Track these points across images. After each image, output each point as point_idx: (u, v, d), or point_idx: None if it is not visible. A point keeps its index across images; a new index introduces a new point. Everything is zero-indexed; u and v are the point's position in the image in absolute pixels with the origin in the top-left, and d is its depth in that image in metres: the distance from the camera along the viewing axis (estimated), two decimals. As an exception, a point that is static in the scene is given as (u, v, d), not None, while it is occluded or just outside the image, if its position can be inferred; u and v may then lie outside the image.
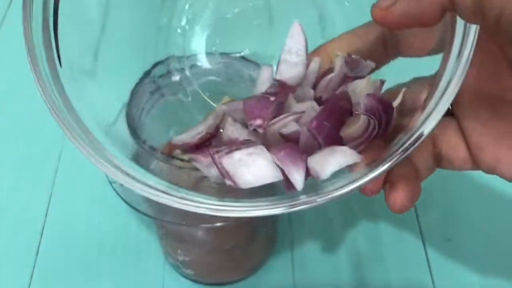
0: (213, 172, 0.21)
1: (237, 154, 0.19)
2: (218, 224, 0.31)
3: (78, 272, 0.38)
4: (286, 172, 0.19)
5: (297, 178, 0.19)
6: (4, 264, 0.40)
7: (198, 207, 0.18)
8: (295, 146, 0.20)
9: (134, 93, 0.32)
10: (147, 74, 0.33)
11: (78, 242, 0.40)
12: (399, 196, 0.21)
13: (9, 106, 0.51)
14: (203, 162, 0.22)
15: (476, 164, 0.21)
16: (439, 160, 0.22)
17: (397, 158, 0.18)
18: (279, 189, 0.20)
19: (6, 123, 0.49)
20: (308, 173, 0.20)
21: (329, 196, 0.18)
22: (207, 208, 0.18)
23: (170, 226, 0.34)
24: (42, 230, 0.41)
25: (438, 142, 0.22)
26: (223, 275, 0.39)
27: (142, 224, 0.42)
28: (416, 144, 0.18)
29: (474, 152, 0.21)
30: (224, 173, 0.19)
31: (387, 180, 0.21)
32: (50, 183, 0.44)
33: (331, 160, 0.19)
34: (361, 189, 0.20)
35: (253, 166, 0.19)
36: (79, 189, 0.44)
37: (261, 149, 0.19)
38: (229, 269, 0.39)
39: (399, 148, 0.19)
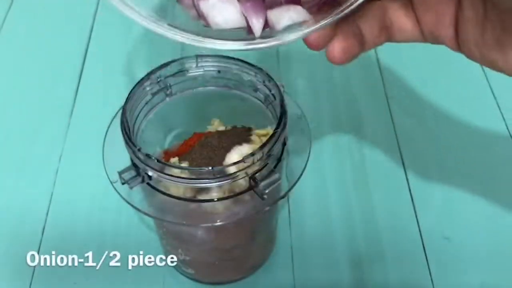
0: (193, 13, 0.24)
1: (213, 0, 0.23)
2: (218, 223, 0.31)
3: (78, 272, 0.38)
4: (248, 20, 0.23)
5: (256, 25, 0.23)
6: (5, 264, 0.40)
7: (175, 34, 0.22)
8: (261, 1, 0.23)
9: (130, 97, 0.33)
10: (148, 76, 0.33)
11: (79, 241, 0.41)
12: (336, 46, 0.24)
13: (10, 107, 0.51)
14: (185, 2, 0.24)
15: (421, 31, 0.25)
16: (390, 32, 0.26)
17: (337, 14, 0.22)
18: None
19: (7, 124, 0.50)
20: (267, 24, 0.23)
21: (277, 38, 0.23)
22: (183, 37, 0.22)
23: (170, 225, 0.35)
24: (43, 229, 0.42)
25: (390, 14, 0.26)
26: (223, 275, 0.39)
27: (143, 224, 0.42)
28: (355, 4, 0.22)
29: (420, 20, 0.25)
30: (200, 14, 0.23)
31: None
32: (51, 183, 0.45)
33: (286, 15, 0.23)
34: (308, 43, 0.24)
35: (224, 11, 0.23)
36: (80, 189, 0.44)
37: (234, 1, 0.23)
38: (229, 269, 0.39)
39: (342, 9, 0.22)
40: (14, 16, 0.59)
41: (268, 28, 0.23)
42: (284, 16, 0.23)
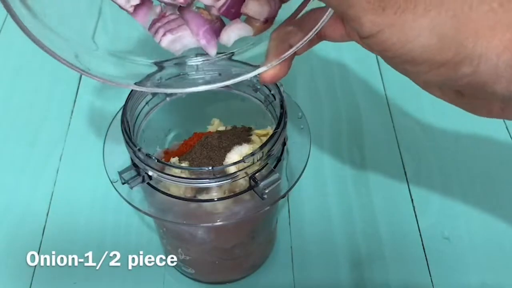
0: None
1: (170, 37, 0.28)
2: (218, 223, 0.31)
3: (78, 272, 0.38)
4: (204, 48, 0.29)
5: (211, 51, 0.29)
6: (5, 264, 0.40)
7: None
8: (210, 27, 0.29)
9: (131, 97, 0.33)
10: (148, 76, 0.33)
11: (79, 241, 0.41)
12: (267, 73, 0.28)
13: (11, 107, 0.51)
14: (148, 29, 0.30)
15: (350, 38, 0.28)
16: (323, 39, 0.29)
17: (286, 55, 0.27)
18: None
19: (8, 124, 0.50)
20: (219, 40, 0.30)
21: (234, 78, 0.28)
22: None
23: (170, 225, 0.35)
24: (44, 229, 0.42)
25: (324, 29, 0.28)
26: (223, 274, 0.39)
27: (143, 223, 0.42)
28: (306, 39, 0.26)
29: (348, 32, 0.28)
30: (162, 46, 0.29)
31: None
32: (52, 182, 0.45)
33: (233, 34, 0.29)
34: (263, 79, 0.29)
35: (182, 40, 0.29)
36: (80, 188, 0.44)
37: (188, 33, 0.29)
38: (229, 268, 0.39)
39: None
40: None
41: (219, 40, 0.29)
42: (231, 35, 0.29)
